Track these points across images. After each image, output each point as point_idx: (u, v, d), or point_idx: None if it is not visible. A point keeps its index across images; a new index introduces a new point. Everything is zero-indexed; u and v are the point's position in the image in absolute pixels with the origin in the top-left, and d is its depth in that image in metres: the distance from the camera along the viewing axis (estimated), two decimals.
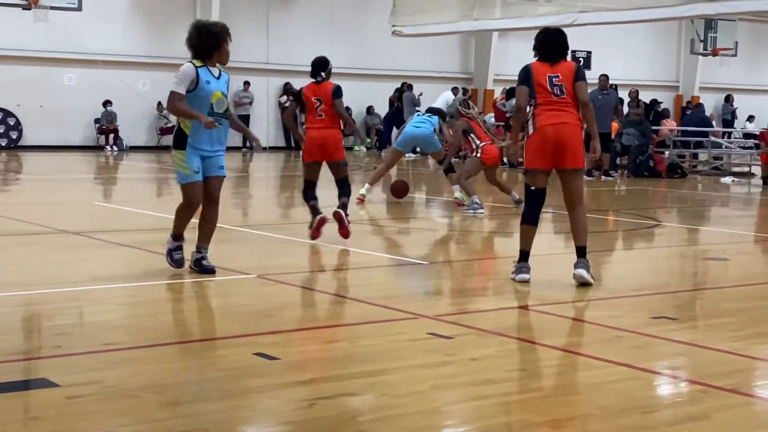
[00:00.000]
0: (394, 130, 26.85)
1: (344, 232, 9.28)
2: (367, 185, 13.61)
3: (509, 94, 24.48)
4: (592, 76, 17.67)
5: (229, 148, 18.95)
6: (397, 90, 27.93)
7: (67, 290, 6.85)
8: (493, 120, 23.80)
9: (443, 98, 25.35)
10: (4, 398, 4.28)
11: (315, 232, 9.20)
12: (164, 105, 25.59)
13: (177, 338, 5.65)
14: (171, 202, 13.67)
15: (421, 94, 26.80)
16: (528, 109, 7.20)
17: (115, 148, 24.71)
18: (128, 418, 4.03)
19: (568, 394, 4.65)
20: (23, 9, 19.64)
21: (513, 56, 30.58)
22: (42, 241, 9.33)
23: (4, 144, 23.97)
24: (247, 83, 27.04)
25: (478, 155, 12.62)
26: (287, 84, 27.81)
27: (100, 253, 8.65)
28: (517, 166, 20.13)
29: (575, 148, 7.10)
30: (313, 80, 9.66)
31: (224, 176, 7.48)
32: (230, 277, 7.45)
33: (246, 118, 26.98)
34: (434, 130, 13.55)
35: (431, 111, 14.26)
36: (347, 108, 14.56)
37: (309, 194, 9.57)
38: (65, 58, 24.29)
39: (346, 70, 28.21)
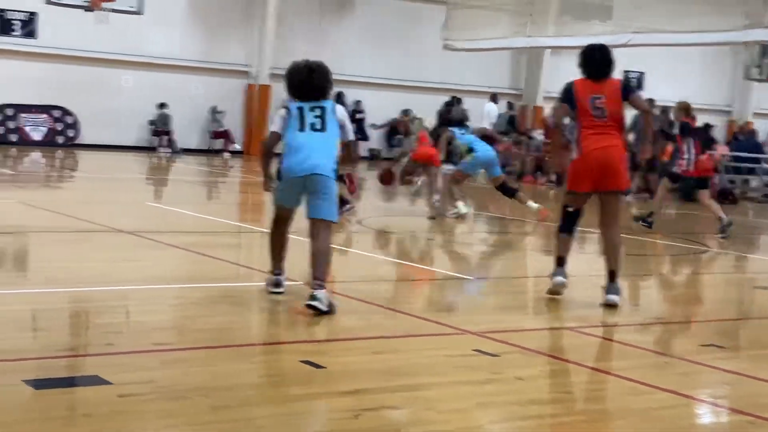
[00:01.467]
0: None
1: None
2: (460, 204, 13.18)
3: None
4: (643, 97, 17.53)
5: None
6: (445, 103, 27.95)
7: (117, 289, 6.96)
8: (542, 137, 23.72)
9: (486, 111, 25.30)
10: (55, 394, 4.36)
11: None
12: (218, 108, 25.90)
13: (226, 341, 5.72)
14: (220, 205, 13.81)
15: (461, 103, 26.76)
16: (571, 130, 7.25)
17: (168, 150, 25.02)
18: (177, 419, 4.10)
19: (613, 419, 4.64)
20: (85, 11, 19.97)
21: (564, 74, 30.22)
22: (94, 238, 9.49)
23: (61, 141, 24.37)
24: None
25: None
26: (340, 93, 27.97)
27: (151, 253, 8.78)
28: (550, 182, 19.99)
29: (617, 170, 7.09)
30: None
31: None
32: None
33: None
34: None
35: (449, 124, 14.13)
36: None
37: None
38: (123, 60, 24.67)
39: (395, 82, 28.37)
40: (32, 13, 23.30)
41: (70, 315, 6.29)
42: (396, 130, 28.84)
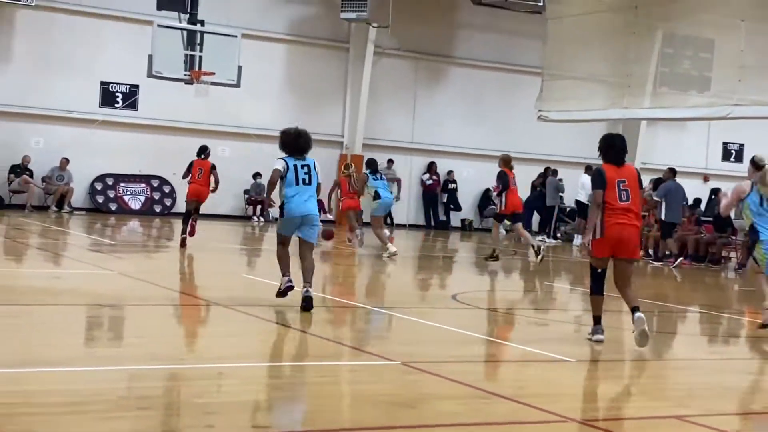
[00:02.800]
0: (535, 215, 26.63)
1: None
2: None
3: (656, 184, 24.00)
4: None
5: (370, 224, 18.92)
6: (540, 175, 27.75)
7: (214, 366, 6.95)
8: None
9: (581, 182, 24.97)
10: None
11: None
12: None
13: (322, 424, 5.62)
14: (314, 279, 13.80)
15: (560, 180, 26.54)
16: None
17: (262, 219, 25.33)
18: None
19: None
20: (185, 84, 20.54)
21: (661, 145, 30.07)
22: (191, 312, 9.56)
23: (158, 210, 24.92)
24: (390, 161, 27.41)
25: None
26: (432, 163, 28.08)
27: (248, 327, 8.78)
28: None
29: (633, 243, 8.60)
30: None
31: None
32: (373, 362, 7.42)
33: None
34: None
35: None
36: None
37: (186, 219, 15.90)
38: (221, 130, 25.23)
39: (488, 152, 28.26)
40: (134, 86, 24.06)
41: (170, 394, 6.28)
42: (490, 198, 28.76)
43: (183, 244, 16.24)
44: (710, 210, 23.73)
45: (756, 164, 10.11)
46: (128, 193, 24.70)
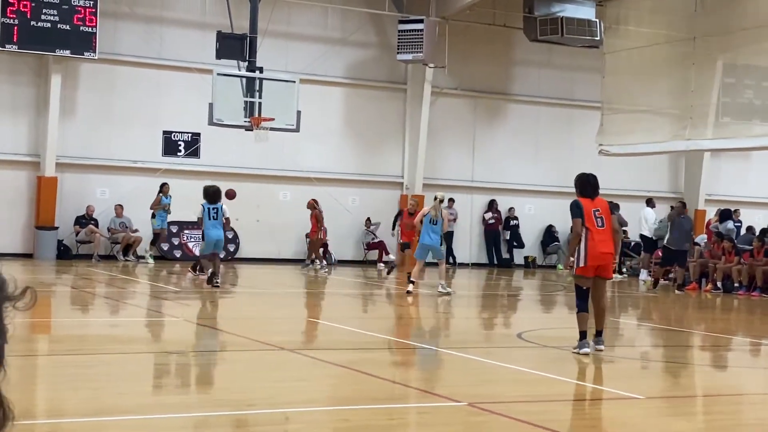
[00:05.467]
0: None
1: None
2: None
3: (723, 215, 23.62)
4: None
5: (432, 263, 18.94)
6: None
7: (281, 411, 6.95)
8: (704, 242, 22.86)
9: (643, 216, 24.65)
10: None
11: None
12: (372, 221, 26.33)
13: None
14: (375, 320, 13.83)
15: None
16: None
17: (324, 263, 25.43)
18: None
19: None
20: (246, 130, 20.80)
21: (726, 176, 29.60)
22: (257, 357, 9.59)
23: (222, 256, 25.15)
24: (451, 200, 27.38)
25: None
26: (492, 200, 27.98)
27: (313, 371, 8.78)
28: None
29: (609, 265, 10.21)
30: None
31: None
32: (440, 404, 7.36)
33: (450, 235, 27.26)
34: None
35: None
36: None
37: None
38: (281, 175, 25.48)
39: (549, 188, 28.14)
40: (196, 134, 24.45)
41: None
42: (553, 235, 28.53)
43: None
44: None
45: None
46: (192, 240, 25.00)
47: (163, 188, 23.38)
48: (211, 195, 17.31)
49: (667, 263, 21.25)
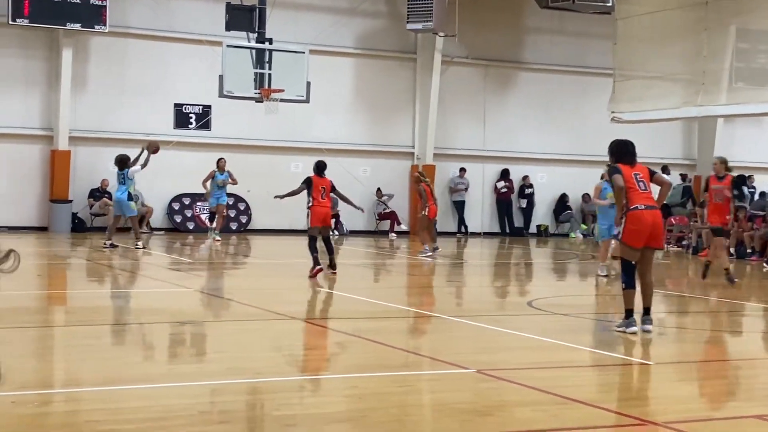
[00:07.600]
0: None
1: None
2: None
3: (739, 181, 23.52)
4: None
5: (444, 233, 19.03)
6: None
7: (293, 379, 7.03)
8: None
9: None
10: None
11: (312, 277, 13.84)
12: (383, 191, 26.36)
13: None
14: (387, 289, 13.89)
15: None
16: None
17: (336, 233, 25.49)
18: None
19: None
20: (256, 102, 20.81)
21: (740, 141, 29.44)
22: (268, 326, 9.67)
23: (234, 228, 25.28)
24: (463, 169, 27.35)
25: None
26: (505, 170, 27.93)
27: (323, 341, 8.86)
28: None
29: (660, 233, 9.46)
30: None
31: None
32: (448, 371, 7.42)
33: (461, 204, 27.28)
34: None
35: None
36: None
37: (312, 246, 14.45)
38: (292, 146, 25.50)
39: (562, 156, 28.10)
40: (206, 107, 24.44)
41: (251, 407, 6.37)
42: (566, 203, 28.51)
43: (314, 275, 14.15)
44: None
45: None
46: (205, 211, 25.09)
47: (219, 163, 22.20)
48: (118, 162, 19.11)
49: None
